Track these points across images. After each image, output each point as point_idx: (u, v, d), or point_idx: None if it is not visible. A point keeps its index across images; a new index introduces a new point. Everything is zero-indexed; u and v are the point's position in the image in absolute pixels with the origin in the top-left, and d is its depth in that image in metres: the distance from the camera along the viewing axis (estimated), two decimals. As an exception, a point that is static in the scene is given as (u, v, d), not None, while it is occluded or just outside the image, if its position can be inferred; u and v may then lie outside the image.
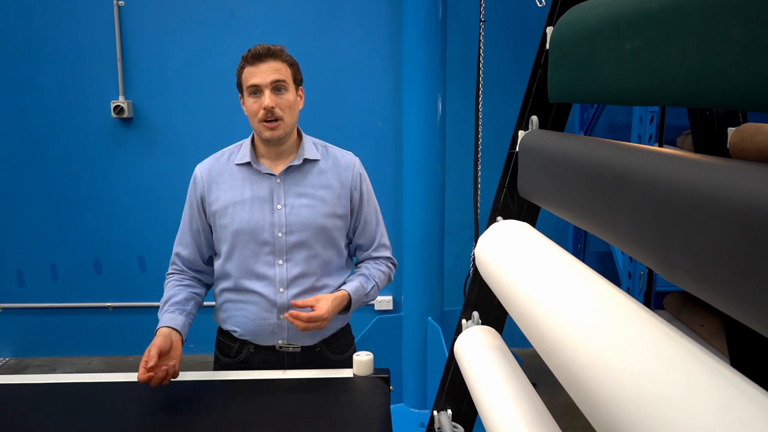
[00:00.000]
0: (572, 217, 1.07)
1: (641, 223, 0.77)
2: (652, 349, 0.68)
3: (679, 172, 0.71)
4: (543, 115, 1.39)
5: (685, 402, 0.58)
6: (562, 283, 0.94)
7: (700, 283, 0.67)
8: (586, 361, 0.75)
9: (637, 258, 0.84)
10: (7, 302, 4.01)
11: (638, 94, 0.86)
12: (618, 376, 0.68)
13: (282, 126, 1.65)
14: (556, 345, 0.84)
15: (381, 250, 1.87)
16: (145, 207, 3.87)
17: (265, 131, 1.65)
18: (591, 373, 0.73)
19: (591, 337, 0.77)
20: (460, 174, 3.66)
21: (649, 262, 0.78)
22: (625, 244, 0.85)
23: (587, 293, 0.87)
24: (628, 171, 0.82)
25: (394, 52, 3.69)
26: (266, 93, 1.62)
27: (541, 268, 1.02)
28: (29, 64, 3.71)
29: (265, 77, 1.62)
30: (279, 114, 1.64)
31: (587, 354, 0.76)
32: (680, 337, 0.70)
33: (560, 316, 0.86)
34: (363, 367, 1.63)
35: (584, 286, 0.90)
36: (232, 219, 1.70)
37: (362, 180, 1.80)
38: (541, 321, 0.90)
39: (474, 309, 1.54)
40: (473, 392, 1.28)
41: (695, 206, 0.66)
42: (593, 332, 0.78)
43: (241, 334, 1.76)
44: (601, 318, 0.79)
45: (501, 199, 1.49)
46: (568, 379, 0.80)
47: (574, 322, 0.83)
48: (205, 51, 3.70)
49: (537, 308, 0.93)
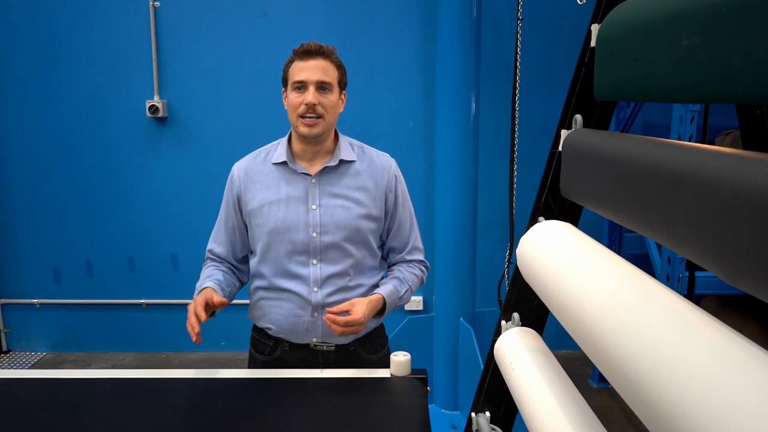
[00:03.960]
0: (620, 218, 1.05)
1: (701, 224, 0.75)
2: (715, 352, 0.66)
3: (744, 172, 0.69)
4: (587, 114, 1.36)
5: (755, 409, 0.57)
6: (612, 282, 0.92)
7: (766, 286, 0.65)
8: (643, 365, 0.73)
9: (694, 260, 0.81)
10: (44, 298, 4.09)
11: (696, 91, 0.83)
12: (680, 379, 0.66)
13: (321, 124, 1.65)
14: (608, 346, 0.82)
15: (414, 253, 1.87)
16: (178, 205, 3.92)
17: (303, 127, 1.65)
18: (649, 376, 0.72)
19: (649, 339, 0.75)
20: (492, 174, 3.64)
21: (707, 263, 0.76)
22: (682, 245, 0.83)
23: (639, 293, 0.85)
24: (689, 170, 0.79)
25: (426, 52, 3.67)
26: (310, 89, 1.62)
27: (590, 266, 1.00)
28: (67, 64, 3.78)
29: (312, 74, 1.63)
30: (321, 111, 1.64)
31: (644, 356, 0.74)
32: (739, 337, 0.68)
33: (613, 315, 0.84)
34: (400, 368, 1.62)
35: (635, 286, 0.88)
36: (267, 219, 1.71)
37: (398, 182, 1.79)
38: (592, 320, 0.89)
39: (514, 311, 1.52)
40: (515, 393, 1.27)
41: (762, 206, 0.64)
42: (650, 333, 0.76)
43: (276, 331, 1.77)
44: (656, 318, 0.77)
45: (543, 199, 1.47)
46: (621, 379, 0.79)
47: (627, 321, 0.81)
48: (238, 51, 3.73)
49: (587, 308, 0.92)
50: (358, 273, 1.76)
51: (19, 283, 4.09)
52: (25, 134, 3.88)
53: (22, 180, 3.94)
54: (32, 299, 4.09)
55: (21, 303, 4.10)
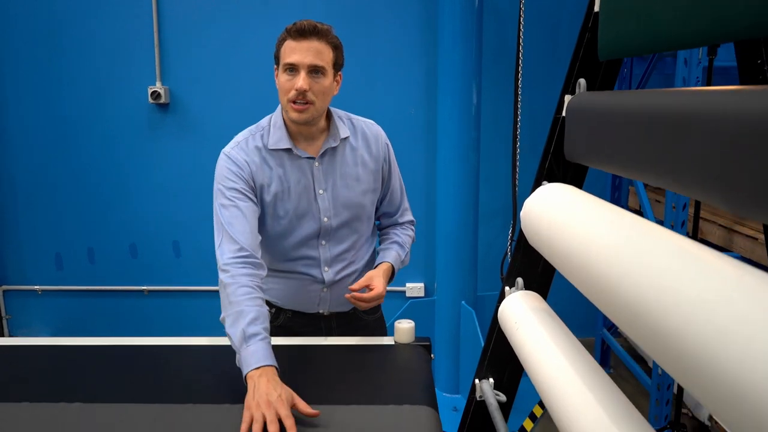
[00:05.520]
0: (626, 170, 1.06)
1: (707, 159, 0.77)
2: (719, 276, 0.68)
3: (747, 102, 0.70)
4: (590, 79, 1.38)
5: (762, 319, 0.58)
6: (617, 228, 0.93)
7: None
8: (650, 295, 0.75)
9: (701, 197, 0.83)
10: (45, 285, 4.09)
11: (700, 34, 0.85)
12: (687, 302, 0.67)
13: (311, 110, 1.56)
14: (616, 285, 0.83)
15: (405, 214, 1.88)
16: (180, 192, 3.92)
17: (293, 112, 1.56)
18: (656, 305, 0.73)
19: (655, 271, 0.76)
20: (493, 163, 3.64)
21: (713, 198, 0.78)
22: (687, 185, 0.84)
23: (644, 234, 0.86)
24: (694, 110, 0.81)
25: (427, 40, 3.68)
26: (302, 74, 1.52)
27: (595, 218, 1.01)
28: (69, 51, 3.78)
29: (304, 57, 1.52)
30: (311, 98, 1.54)
31: (650, 287, 0.75)
32: (744, 266, 0.69)
33: (620, 256, 0.85)
34: (404, 335, 1.63)
35: (640, 228, 0.89)
36: (276, 210, 1.65)
37: (389, 150, 1.78)
38: (599, 264, 0.90)
39: (518, 276, 1.53)
40: (520, 352, 1.28)
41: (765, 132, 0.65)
42: (656, 266, 0.77)
43: (281, 305, 1.78)
44: (661, 253, 0.79)
45: (546, 165, 1.48)
46: (629, 316, 0.80)
47: (634, 260, 0.82)
48: (240, 37, 3.73)
49: (593, 253, 0.93)
50: (359, 245, 1.77)
51: (21, 270, 4.09)
52: (27, 121, 3.88)
53: (24, 166, 3.94)
54: (34, 286, 4.09)
55: (23, 289, 4.10)
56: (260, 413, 1.20)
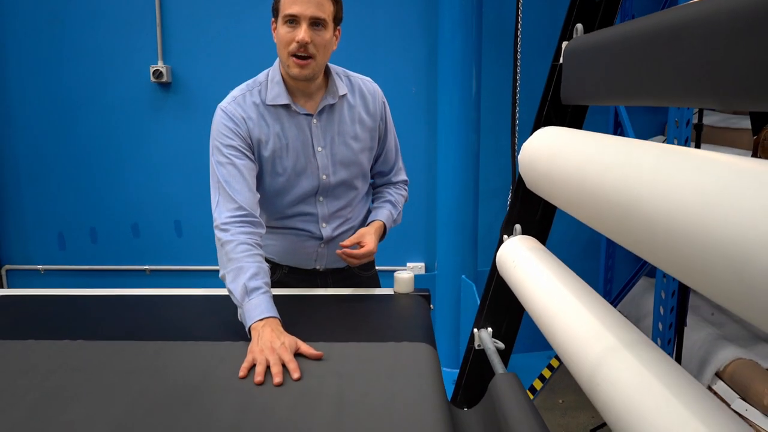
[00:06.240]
0: (625, 96, 1.07)
1: (698, 64, 0.78)
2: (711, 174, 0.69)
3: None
4: (588, 23, 1.39)
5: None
6: (614, 151, 0.94)
7: (759, 101, 0.68)
8: (643, 193, 0.76)
9: (695, 103, 0.84)
10: (48, 264, 4.11)
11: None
12: (680, 198, 0.69)
13: (312, 65, 1.54)
14: (612, 196, 0.85)
15: (399, 174, 1.89)
16: (182, 171, 3.93)
17: (294, 67, 1.53)
18: (650, 204, 0.74)
19: (647, 175, 0.78)
20: (493, 142, 3.65)
21: (706, 99, 0.79)
22: (680, 95, 0.86)
23: (646, 150, 0.88)
24: (684, 20, 0.82)
25: (429, 18, 3.69)
26: (303, 26, 1.49)
27: (596, 147, 1.03)
28: (70, 29, 3.79)
29: (305, 8, 1.49)
30: (312, 51, 1.52)
31: (642, 187, 0.77)
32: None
33: (615, 169, 0.87)
34: (404, 285, 1.65)
35: (637, 149, 0.91)
36: (273, 166, 1.65)
37: (386, 108, 1.78)
38: (593, 182, 0.91)
39: (516, 223, 1.55)
40: (519, 290, 1.29)
41: (758, 22, 0.67)
42: (649, 170, 0.79)
43: (279, 261, 1.79)
44: (654, 160, 0.80)
45: (543, 113, 1.49)
46: (622, 220, 0.81)
47: (629, 171, 0.84)
48: (243, 16, 3.74)
49: (589, 172, 0.94)
50: (356, 202, 1.78)
51: (24, 250, 4.11)
52: (29, 99, 3.90)
53: (26, 146, 3.96)
54: (37, 265, 4.11)
55: (25, 269, 4.12)
56: (263, 357, 1.22)
